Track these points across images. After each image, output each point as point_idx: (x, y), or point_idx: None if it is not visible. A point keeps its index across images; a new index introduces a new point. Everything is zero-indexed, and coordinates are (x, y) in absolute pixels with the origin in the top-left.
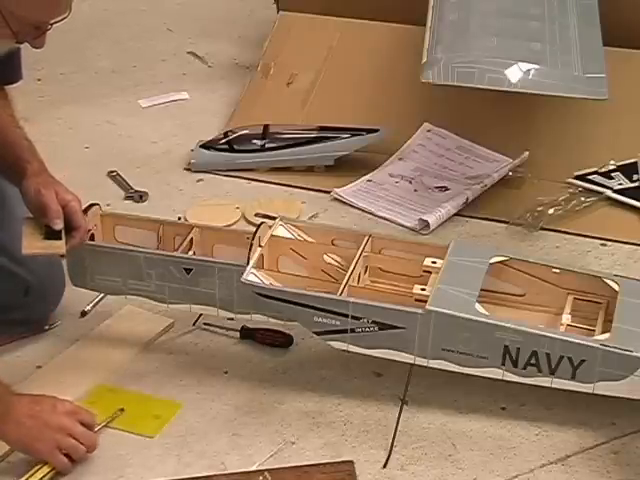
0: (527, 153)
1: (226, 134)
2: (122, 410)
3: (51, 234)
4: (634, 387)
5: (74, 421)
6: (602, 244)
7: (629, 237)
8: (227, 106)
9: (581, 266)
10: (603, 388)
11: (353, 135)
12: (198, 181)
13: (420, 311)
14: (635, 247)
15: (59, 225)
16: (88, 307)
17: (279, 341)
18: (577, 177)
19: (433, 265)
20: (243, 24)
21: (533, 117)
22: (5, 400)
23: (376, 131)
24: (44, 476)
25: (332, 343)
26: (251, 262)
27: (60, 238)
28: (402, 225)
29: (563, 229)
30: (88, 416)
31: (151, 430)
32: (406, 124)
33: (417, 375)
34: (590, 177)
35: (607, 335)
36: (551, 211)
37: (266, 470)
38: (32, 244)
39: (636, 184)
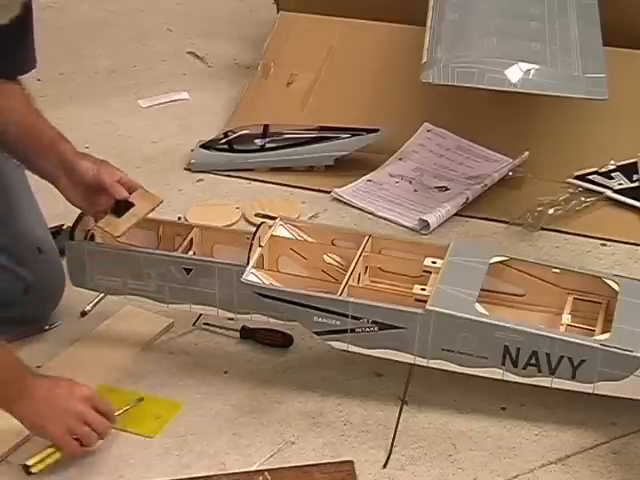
0: (527, 153)
1: (226, 134)
2: (141, 400)
3: (121, 208)
4: (634, 387)
5: (89, 407)
6: (602, 244)
7: (629, 237)
8: (227, 106)
9: (581, 266)
10: (603, 388)
11: (353, 135)
12: (198, 181)
13: (420, 311)
14: (635, 247)
15: (124, 193)
16: (88, 307)
17: (279, 341)
18: (577, 177)
19: (433, 265)
20: (243, 24)
21: (533, 117)
22: (23, 381)
23: (376, 131)
24: (49, 457)
25: (332, 343)
26: (251, 262)
27: (131, 204)
28: (402, 225)
29: (563, 229)
30: (104, 404)
31: (151, 430)
32: (406, 124)
33: (417, 375)
34: (590, 177)
35: (607, 335)
36: (551, 211)
37: (266, 470)
38: (118, 228)
39: (636, 184)
